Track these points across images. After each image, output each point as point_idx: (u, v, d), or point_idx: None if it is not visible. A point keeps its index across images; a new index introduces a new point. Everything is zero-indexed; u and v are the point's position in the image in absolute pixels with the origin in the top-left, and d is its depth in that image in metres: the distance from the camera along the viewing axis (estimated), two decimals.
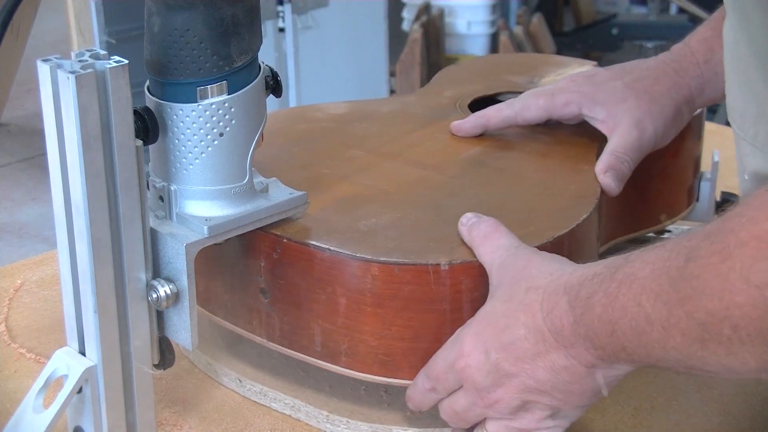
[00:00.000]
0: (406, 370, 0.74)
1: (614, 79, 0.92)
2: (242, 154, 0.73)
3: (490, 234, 0.74)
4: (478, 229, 0.75)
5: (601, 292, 0.64)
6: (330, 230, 0.76)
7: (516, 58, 1.24)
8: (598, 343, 0.65)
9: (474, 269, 0.73)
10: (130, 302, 0.69)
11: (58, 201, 0.68)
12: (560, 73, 1.10)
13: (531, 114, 0.93)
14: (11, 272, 1.02)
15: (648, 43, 3.80)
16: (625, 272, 0.63)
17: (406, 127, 0.97)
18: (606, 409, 0.81)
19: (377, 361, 0.74)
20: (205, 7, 0.68)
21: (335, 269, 0.74)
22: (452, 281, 0.72)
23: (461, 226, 0.76)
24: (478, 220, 0.76)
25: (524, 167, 0.87)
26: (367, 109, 1.01)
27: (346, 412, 0.79)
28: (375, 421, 0.78)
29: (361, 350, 0.74)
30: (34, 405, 0.69)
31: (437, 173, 0.86)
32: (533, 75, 1.09)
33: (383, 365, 0.74)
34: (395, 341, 0.74)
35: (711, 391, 0.83)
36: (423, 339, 0.73)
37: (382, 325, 0.73)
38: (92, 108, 0.64)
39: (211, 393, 0.83)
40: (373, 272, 0.73)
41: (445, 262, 0.72)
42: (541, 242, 0.74)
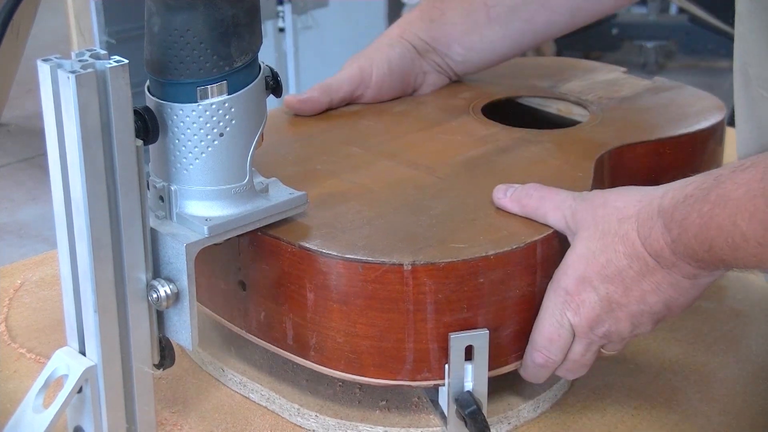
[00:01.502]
0: (371, 369, 0.75)
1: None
2: (242, 154, 0.73)
3: (546, 195, 0.77)
4: (530, 197, 0.78)
5: (695, 214, 0.68)
6: (305, 225, 0.77)
7: (543, 62, 1.23)
8: (698, 257, 0.69)
9: (438, 271, 0.73)
10: (130, 302, 0.69)
11: (58, 201, 0.68)
12: (586, 78, 1.09)
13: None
14: (11, 272, 1.02)
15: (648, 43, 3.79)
16: (718, 193, 0.67)
17: (411, 126, 0.97)
18: (606, 408, 0.81)
19: (344, 357, 0.75)
20: (205, 8, 0.68)
21: (303, 264, 0.74)
22: (415, 282, 0.72)
23: (501, 200, 0.79)
24: (521, 189, 0.78)
25: (517, 172, 0.86)
26: (379, 108, 1.02)
27: (316, 407, 0.79)
28: (343, 417, 0.78)
29: (329, 346, 0.75)
30: (34, 405, 0.69)
31: (427, 174, 0.86)
32: (557, 80, 1.09)
33: (349, 362, 0.75)
34: (360, 339, 0.74)
35: (711, 391, 0.83)
36: (387, 339, 0.74)
37: (348, 322, 0.74)
38: (92, 108, 0.64)
39: (211, 393, 0.83)
40: (338, 269, 0.73)
41: (408, 263, 0.72)
42: (510, 247, 0.74)
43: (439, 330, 0.74)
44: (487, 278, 0.73)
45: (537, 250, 0.75)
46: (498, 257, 0.73)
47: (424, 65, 1.04)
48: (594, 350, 0.76)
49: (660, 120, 0.99)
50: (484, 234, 0.76)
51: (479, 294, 0.74)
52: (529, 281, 0.75)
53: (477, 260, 0.73)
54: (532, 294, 0.76)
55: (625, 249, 0.72)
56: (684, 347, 0.89)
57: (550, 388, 0.81)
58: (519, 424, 0.79)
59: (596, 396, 0.83)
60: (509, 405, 0.80)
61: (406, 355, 0.74)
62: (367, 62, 1.02)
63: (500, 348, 0.76)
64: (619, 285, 0.73)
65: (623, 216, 0.73)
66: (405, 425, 0.78)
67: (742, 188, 0.65)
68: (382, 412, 0.79)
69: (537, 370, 0.77)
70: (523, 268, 0.75)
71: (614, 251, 0.72)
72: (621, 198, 0.74)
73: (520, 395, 0.80)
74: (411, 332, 0.74)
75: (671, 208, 0.70)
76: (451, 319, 0.74)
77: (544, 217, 0.77)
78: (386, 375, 0.75)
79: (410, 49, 1.03)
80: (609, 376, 0.85)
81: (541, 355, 0.76)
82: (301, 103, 0.99)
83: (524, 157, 0.90)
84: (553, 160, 0.89)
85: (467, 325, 0.74)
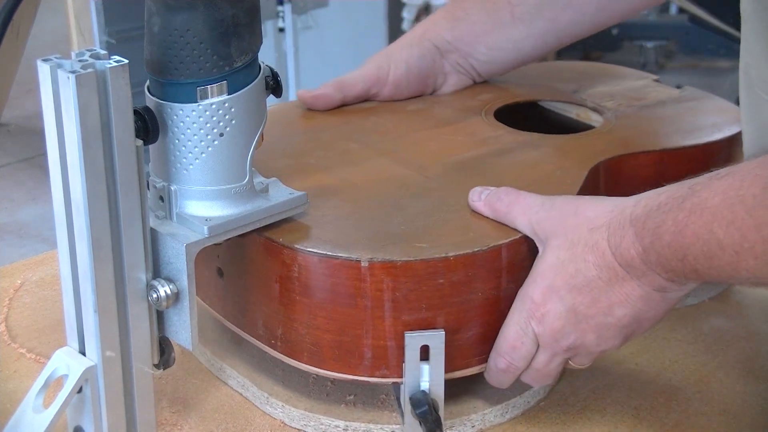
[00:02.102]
0: (331, 363, 0.76)
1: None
2: (242, 154, 0.73)
3: (516, 199, 0.77)
4: (500, 201, 0.77)
5: (669, 222, 0.67)
6: None
7: (574, 66, 1.21)
8: (669, 267, 0.68)
9: (396, 269, 0.73)
10: (130, 302, 0.69)
11: (58, 201, 0.68)
12: (612, 84, 1.08)
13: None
14: (11, 272, 1.02)
15: (648, 43, 3.79)
16: (694, 202, 0.66)
17: (418, 125, 0.97)
18: (606, 408, 0.81)
19: (306, 350, 0.76)
20: (205, 8, 0.68)
21: (270, 255, 0.75)
22: (373, 279, 0.73)
23: (474, 203, 0.79)
24: (494, 192, 0.78)
25: (508, 175, 0.86)
26: (394, 105, 1.02)
27: (284, 397, 0.80)
28: (308, 409, 0.79)
29: (293, 337, 0.76)
30: (34, 405, 0.69)
31: (417, 173, 0.86)
32: (582, 85, 1.08)
33: (312, 355, 0.76)
34: (321, 332, 0.75)
35: (711, 391, 0.83)
36: (347, 333, 0.74)
37: (309, 315, 0.75)
38: (92, 108, 0.64)
39: (211, 393, 0.83)
40: (299, 261, 0.74)
41: (366, 259, 0.73)
42: (472, 250, 0.74)
43: (397, 328, 0.74)
44: (448, 279, 0.73)
45: (502, 254, 0.75)
46: (458, 259, 0.73)
47: (445, 66, 1.04)
48: (558, 362, 0.75)
49: (670, 130, 0.98)
50: (453, 235, 0.76)
51: (439, 294, 0.74)
52: (493, 285, 0.75)
53: (436, 261, 0.73)
54: (497, 298, 0.76)
55: (594, 259, 0.71)
56: (684, 347, 0.89)
57: (521, 395, 0.81)
58: (484, 427, 0.79)
59: (596, 396, 0.83)
60: (474, 408, 0.80)
61: (364, 350, 0.75)
62: (385, 61, 1.02)
63: (462, 350, 0.76)
64: (587, 296, 0.71)
65: (594, 226, 0.72)
66: (366, 420, 0.78)
67: (719, 196, 0.64)
68: (347, 406, 0.80)
69: (500, 375, 0.77)
70: (487, 272, 0.74)
71: (583, 261, 0.71)
72: (592, 207, 0.73)
73: (487, 399, 0.80)
74: (369, 328, 0.74)
75: (644, 216, 0.69)
76: (409, 318, 0.74)
77: (512, 221, 0.76)
78: (345, 369, 0.76)
79: (432, 49, 1.03)
80: (609, 376, 0.85)
81: (504, 361, 0.76)
82: (313, 98, 0.99)
83: (519, 161, 0.89)
84: (546, 165, 0.88)
85: (427, 324, 0.74)
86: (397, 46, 1.04)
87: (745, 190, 0.63)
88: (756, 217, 0.61)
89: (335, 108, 1.00)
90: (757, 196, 0.62)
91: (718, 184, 0.65)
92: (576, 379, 0.84)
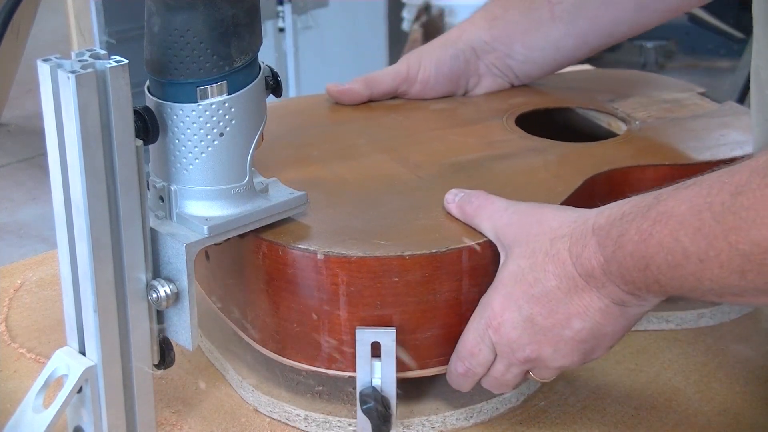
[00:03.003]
0: (292, 352, 0.77)
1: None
2: (242, 154, 0.73)
3: (483, 203, 0.76)
4: (470, 204, 0.77)
5: (633, 230, 0.66)
6: None
7: (616, 74, 1.17)
8: (630, 278, 0.67)
9: (350, 264, 0.73)
10: (130, 302, 0.69)
11: (58, 201, 0.68)
12: (650, 95, 1.05)
13: None
14: (11, 272, 1.02)
15: (648, 43, 3.79)
16: (659, 210, 0.65)
17: (434, 125, 0.97)
18: (606, 408, 0.81)
19: (271, 338, 0.77)
20: (205, 8, 0.68)
21: (241, 242, 0.76)
22: (328, 272, 0.73)
23: (448, 204, 0.78)
24: (466, 195, 0.78)
25: (498, 179, 0.85)
26: (419, 104, 1.02)
27: (255, 382, 0.82)
28: (274, 396, 0.81)
29: (260, 325, 0.78)
30: (34, 405, 0.69)
31: (411, 171, 0.86)
32: (619, 94, 1.05)
33: (276, 343, 0.77)
34: (283, 321, 0.76)
35: (711, 391, 0.83)
36: (305, 324, 0.75)
37: (272, 303, 0.76)
38: (92, 108, 0.64)
39: (211, 393, 0.83)
40: (263, 250, 0.75)
41: (322, 252, 0.73)
42: (429, 251, 0.74)
43: (352, 323, 0.74)
44: (402, 278, 0.73)
45: (463, 257, 0.74)
46: (414, 259, 0.73)
47: (480, 67, 1.03)
48: (516, 373, 0.74)
49: (689, 145, 0.95)
50: (418, 235, 0.76)
51: (394, 293, 0.74)
52: (452, 287, 0.75)
53: (391, 259, 0.73)
54: (457, 301, 0.75)
55: (554, 269, 0.70)
56: (684, 347, 0.89)
57: (488, 401, 0.80)
58: (445, 429, 0.79)
59: (596, 396, 0.83)
60: (436, 409, 0.80)
61: (321, 342, 0.76)
62: (416, 60, 1.02)
63: (420, 350, 0.76)
64: (545, 306, 0.70)
65: (556, 236, 0.71)
66: (326, 412, 0.79)
67: (686, 204, 0.63)
68: (312, 396, 0.81)
69: (459, 379, 0.77)
70: (445, 274, 0.74)
71: (543, 270, 0.70)
72: (556, 218, 0.72)
73: (451, 402, 0.80)
74: (326, 321, 0.75)
75: (607, 225, 0.68)
76: (364, 313, 0.74)
77: (478, 225, 0.76)
78: (305, 360, 0.77)
79: (467, 50, 1.03)
80: (609, 376, 0.85)
81: (463, 366, 0.75)
82: (340, 92, 1.00)
83: (516, 166, 0.89)
84: (542, 172, 0.87)
85: (382, 321, 0.74)
86: (432, 45, 1.04)
87: (713, 197, 0.61)
88: (724, 223, 0.60)
89: (363, 103, 1.01)
90: (726, 203, 0.60)
91: (685, 193, 0.64)
92: (576, 379, 0.84)
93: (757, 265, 0.59)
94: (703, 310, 0.91)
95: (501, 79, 1.05)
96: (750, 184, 0.60)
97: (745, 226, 0.59)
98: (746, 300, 0.63)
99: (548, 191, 0.83)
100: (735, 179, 0.61)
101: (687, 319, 0.91)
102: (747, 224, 0.59)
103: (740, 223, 0.59)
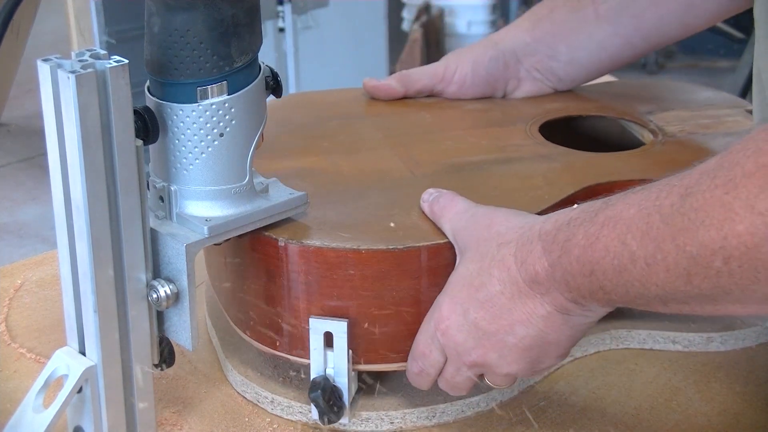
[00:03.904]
0: (258, 334, 0.79)
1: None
2: (242, 154, 0.73)
3: (448, 204, 0.77)
4: (438, 203, 0.77)
5: (580, 235, 0.65)
6: None
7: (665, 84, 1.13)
8: (574, 285, 0.66)
9: (308, 253, 0.74)
10: (130, 302, 0.69)
11: (58, 201, 0.68)
12: (694, 109, 1.02)
13: None
14: (11, 272, 1.02)
15: None
16: (607, 215, 0.64)
17: (457, 124, 0.97)
18: (606, 408, 0.81)
19: (242, 320, 0.80)
20: (205, 8, 0.68)
21: None
22: (288, 259, 0.75)
23: (423, 203, 0.79)
24: (438, 195, 0.78)
25: (491, 182, 0.85)
26: (453, 103, 1.02)
27: (234, 362, 0.84)
28: (248, 377, 0.83)
29: (234, 306, 0.81)
30: (34, 405, 0.69)
31: (408, 169, 0.87)
32: (660, 105, 1.03)
33: (244, 323, 0.80)
34: (251, 305, 0.79)
35: (711, 391, 0.83)
36: (269, 309, 0.77)
37: (243, 285, 0.79)
38: (92, 108, 0.64)
39: (211, 393, 0.83)
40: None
41: (283, 239, 0.75)
42: (386, 247, 0.74)
43: (310, 311, 0.76)
44: (359, 271, 0.74)
45: (421, 256, 0.75)
46: (369, 253, 0.74)
47: (520, 71, 1.03)
48: (466, 376, 0.74)
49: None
50: (384, 230, 0.76)
51: (350, 285, 0.74)
52: (410, 285, 0.75)
53: (347, 251, 0.74)
54: (415, 299, 0.75)
55: (499, 274, 0.69)
56: (684, 347, 0.89)
57: (453, 402, 0.80)
58: (405, 427, 0.79)
59: (596, 396, 0.83)
60: (397, 405, 0.80)
61: (283, 328, 0.77)
62: (454, 61, 1.02)
63: (377, 344, 0.76)
64: (489, 311, 0.70)
65: (503, 241, 0.71)
66: (290, 397, 0.80)
67: (635, 207, 0.62)
68: (284, 381, 0.82)
69: (415, 378, 0.77)
70: (402, 271, 0.74)
71: (489, 275, 0.70)
72: (505, 222, 0.72)
73: (412, 400, 0.80)
74: (287, 308, 0.76)
75: (554, 231, 0.67)
76: (322, 303, 0.75)
77: (441, 225, 0.76)
78: (268, 343, 0.79)
79: (507, 53, 1.02)
80: (609, 376, 0.85)
81: (417, 366, 0.76)
82: (374, 88, 1.02)
83: (515, 171, 0.88)
84: (538, 179, 0.86)
85: (338, 313, 0.75)
86: (473, 46, 1.04)
87: (662, 200, 0.61)
88: (672, 225, 0.59)
89: (401, 99, 1.02)
90: (675, 205, 0.60)
91: (633, 197, 0.63)
92: (576, 379, 0.85)
93: (704, 269, 0.58)
94: (712, 333, 0.89)
95: (542, 83, 1.04)
96: (699, 186, 0.59)
97: (693, 228, 0.58)
98: (691, 309, 0.62)
99: (533, 198, 0.82)
100: (684, 182, 0.60)
101: (695, 341, 0.89)
102: (695, 225, 0.58)
103: (688, 225, 0.59)
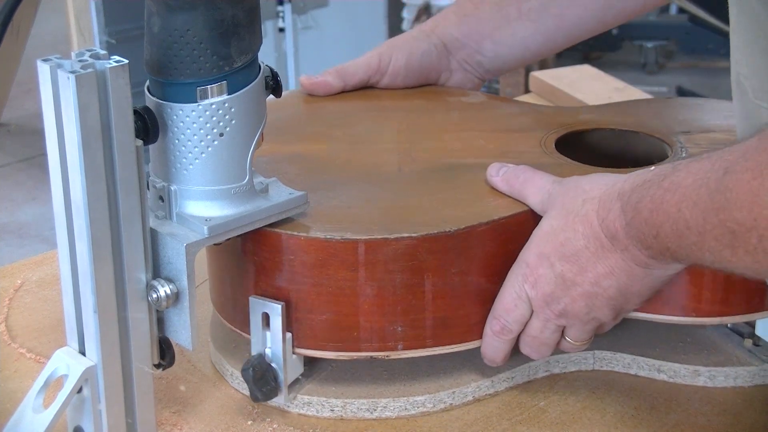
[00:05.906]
0: (223, 311, 0.83)
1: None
2: (242, 154, 0.73)
3: (530, 177, 0.80)
4: (516, 177, 0.80)
5: (648, 198, 0.69)
6: None
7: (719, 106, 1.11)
8: (647, 244, 0.70)
9: (257, 236, 0.76)
10: (130, 302, 0.69)
11: (58, 201, 0.68)
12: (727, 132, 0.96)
13: None
14: (11, 272, 1.02)
15: (648, 43, 3.79)
16: (672, 180, 0.67)
17: (476, 125, 0.97)
18: (606, 408, 0.81)
19: (217, 300, 0.84)
20: (205, 8, 0.68)
21: None
22: (243, 241, 0.77)
23: (492, 178, 0.82)
24: (511, 169, 0.81)
25: (469, 185, 0.84)
26: (491, 103, 1.03)
27: (218, 343, 0.86)
28: (225, 356, 0.85)
29: (214, 288, 0.85)
30: (34, 405, 0.69)
31: (399, 165, 0.88)
32: (698, 126, 0.99)
33: (219, 305, 0.84)
34: (220, 285, 0.83)
35: (711, 391, 0.83)
36: (230, 289, 0.81)
37: (215, 268, 0.83)
38: (92, 108, 0.64)
39: (211, 393, 0.83)
40: None
41: None
42: (324, 236, 0.76)
43: (257, 291, 0.78)
44: (298, 258, 0.76)
45: (359, 249, 0.76)
46: (309, 241, 0.76)
47: (451, 63, 1.05)
48: (552, 329, 0.77)
49: None
50: (334, 222, 0.77)
51: (290, 270, 0.76)
52: (346, 277, 0.76)
53: (288, 237, 0.76)
54: (352, 291, 0.77)
55: (583, 229, 0.73)
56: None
57: (395, 399, 0.80)
58: (345, 416, 0.80)
59: (596, 396, 0.83)
60: (341, 393, 0.81)
61: (240, 307, 0.79)
62: (387, 52, 1.03)
63: (315, 331, 0.78)
64: (575, 264, 0.74)
65: (588, 197, 0.74)
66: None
67: (692, 177, 0.66)
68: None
69: (494, 341, 0.79)
70: (340, 262, 0.76)
71: (573, 231, 0.74)
72: (591, 182, 0.76)
73: (355, 390, 0.81)
74: (240, 287, 0.79)
75: (630, 191, 0.71)
76: (267, 285, 0.77)
77: (525, 198, 0.79)
78: (232, 322, 0.82)
79: (439, 45, 1.04)
80: (609, 376, 0.85)
81: (498, 323, 0.78)
82: (312, 85, 1.02)
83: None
84: None
85: (280, 296, 0.77)
86: (405, 37, 1.06)
87: (711, 174, 0.64)
88: (714, 201, 0.62)
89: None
90: (718, 180, 0.63)
91: (695, 165, 0.67)
92: (576, 379, 0.84)
93: (744, 243, 0.61)
94: (699, 367, 0.84)
95: (471, 74, 1.07)
96: (736, 165, 0.62)
97: (729, 207, 0.61)
98: (741, 273, 0.64)
99: (500, 205, 0.80)
100: (730, 157, 0.63)
101: (680, 373, 0.85)
102: (731, 205, 0.61)
103: (725, 204, 0.62)
